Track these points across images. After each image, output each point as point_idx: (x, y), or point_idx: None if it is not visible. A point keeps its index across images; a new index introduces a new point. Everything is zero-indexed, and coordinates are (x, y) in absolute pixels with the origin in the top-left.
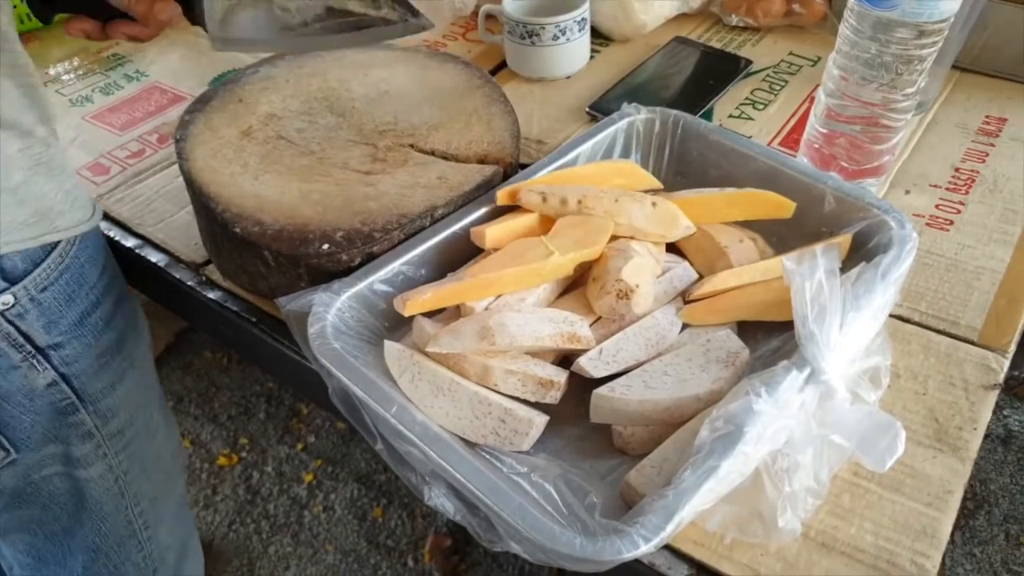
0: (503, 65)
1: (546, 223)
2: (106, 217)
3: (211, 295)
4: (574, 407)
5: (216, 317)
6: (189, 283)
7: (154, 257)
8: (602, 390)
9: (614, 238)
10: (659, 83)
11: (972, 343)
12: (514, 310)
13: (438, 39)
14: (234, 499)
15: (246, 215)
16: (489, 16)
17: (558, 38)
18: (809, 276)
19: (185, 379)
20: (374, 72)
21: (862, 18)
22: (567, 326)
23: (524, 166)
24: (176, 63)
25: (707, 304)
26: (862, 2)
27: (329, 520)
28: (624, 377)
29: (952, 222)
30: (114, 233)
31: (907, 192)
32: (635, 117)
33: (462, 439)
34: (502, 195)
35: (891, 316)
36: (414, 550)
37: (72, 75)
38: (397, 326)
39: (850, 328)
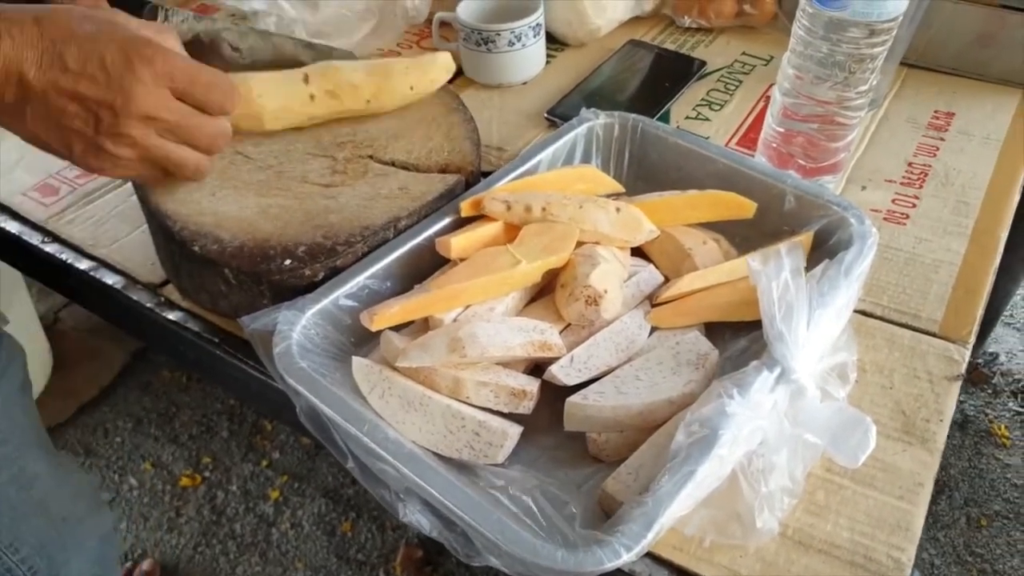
0: (460, 73)
1: (511, 231)
2: (57, 240)
3: (170, 316)
4: (547, 416)
5: (176, 338)
6: (148, 304)
7: (110, 279)
8: (575, 398)
9: (579, 244)
10: (615, 87)
11: (934, 335)
12: (483, 320)
13: (392, 48)
14: (199, 520)
15: (204, 232)
16: (443, 23)
17: (513, 44)
18: (775, 276)
19: (144, 399)
20: None
21: (814, 19)
22: (538, 335)
23: (486, 174)
24: None
25: (674, 307)
26: (814, 3)
27: (298, 537)
28: (596, 384)
29: (908, 216)
30: (66, 256)
31: (863, 188)
32: (594, 122)
33: (436, 454)
34: (466, 206)
35: (855, 311)
36: (385, 563)
37: None
38: (364, 341)
39: (817, 326)
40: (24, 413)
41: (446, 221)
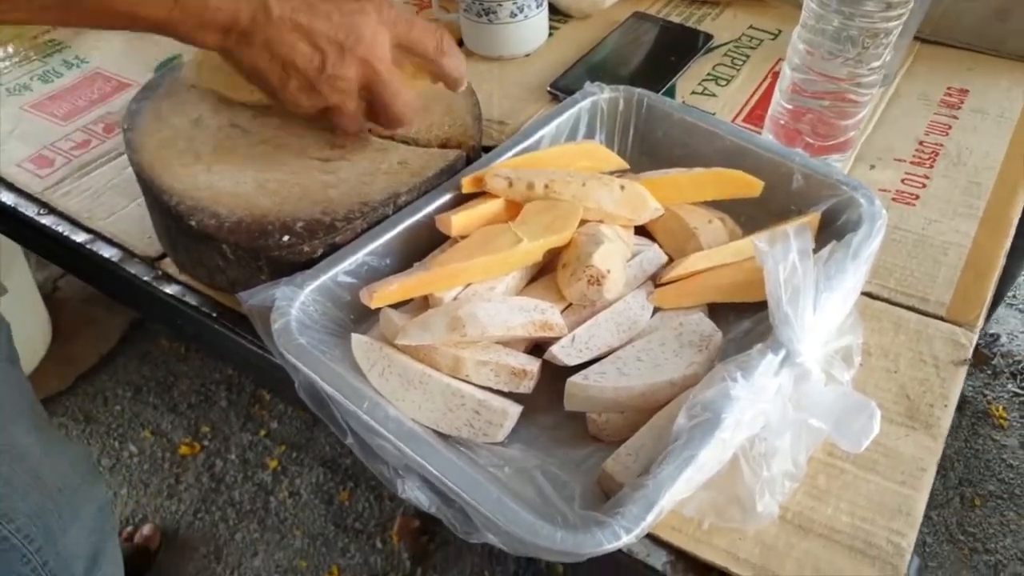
0: (459, 44)
1: (513, 208)
2: (53, 211)
3: (168, 290)
4: (547, 396)
5: (173, 312)
6: (145, 278)
7: (107, 252)
8: (576, 378)
9: (583, 222)
10: (620, 60)
11: (941, 319)
12: (484, 299)
13: None
14: (198, 487)
15: (201, 207)
16: None
17: (516, 15)
18: (782, 257)
19: (143, 369)
20: None
21: None
22: (539, 314)
23: (487, 148)
24: (119, 48)
25: (678, 287)
26: None
27: (295, 505)
28: (598, 364)
29: (918, 196)
30: (62, 228)
31: (872, 167)
32: (598, 96)
33: (436, 432)
34: (467, 182)
35: (861, 293)
36: (382, 532)
37: (8, 62)
38: (363, 318)
39: (823, 309)
40: (11, 386)
41: (447, 197)
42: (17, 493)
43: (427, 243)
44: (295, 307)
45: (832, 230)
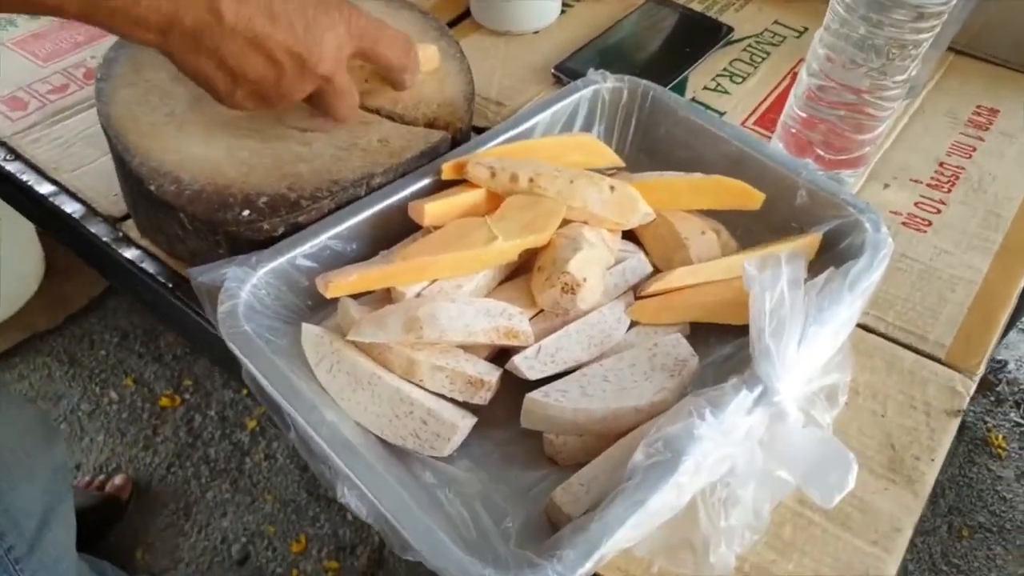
0: (467, 15)
1: (494, 200)
2: (20, 158)
3: (127, 254)
4: (507, 408)
5: (132, 277)
6: (104, 239)
7: (69, 208)
8: (535, 395)
9: (566, 222)
10: (632, 46)
11: (939, 361)
12: (448, 299)
13: None
14: (174, 441)
15: (164, 171)
16: None
17: None
18: (771, 285)
19: (131, 315)
20: None
21: None
22: (504, 320)
23: (480, 130)
24: None
25: (659, 301)
26: None
27: (270, 469)
28: (561, 381)
29: (930, 223)
30: (27, 177)
31: (886, 186)
32: (601, 85)
33: (380, 439)
34: (448, 168)
35: (856, 325)
36: None
37: None
38: (321, 305)
39: (810, 345)
40: None
41: (425, 182)
42: None
43: (399, 230)
44: (245, 289)
45: (833, 253)
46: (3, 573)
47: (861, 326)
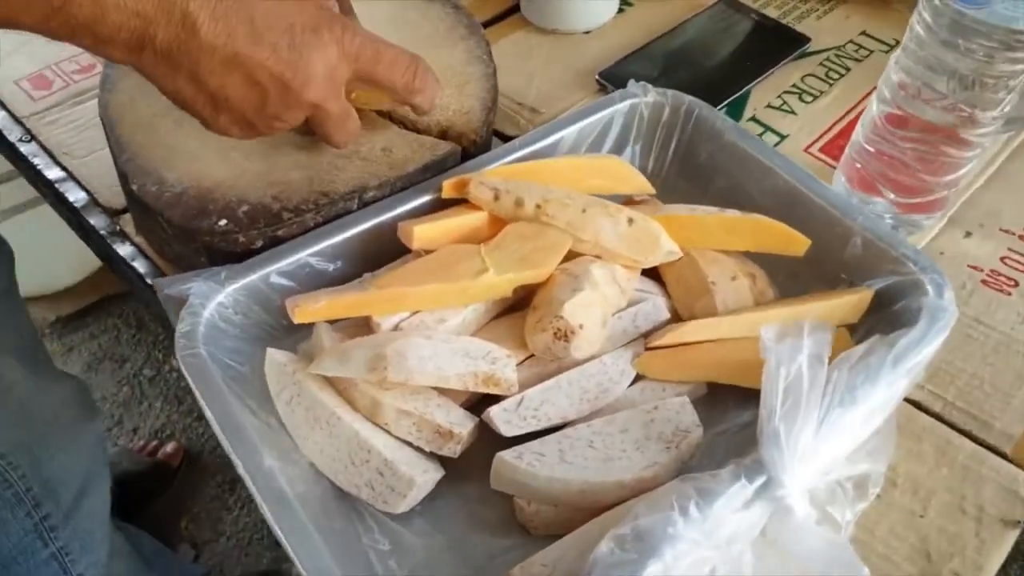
0: (516, 9)
1: (496, 226)
2: (35, 139)
3: (120, 250)
4: (483, 461)
5: (125, 275)
6: (102, 232)
7: (73, 196)
8: (507, 455)
9: (576, 255)
10: (690, 54)
11: (1003, 456)
12: (424, 335)
13: None
14: None
15: (150, 169)
16: None
17: None
18: (788, 359)
19: None
20: None
21: (938, 14)
22: (486, 364)
23: (508, 137)
24: None
25: (670, 355)
26: None
27: None
28: (539, 442)
29: (1017, 284)
30: (39, 161)
31: (968, 234)
32: (640, 99)
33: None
34: (449, 186)
35: (907, 401)
36: None
37: None
38: (297, 327)
39: (832, 429)
40: (3, 320)
41: (424, 199)
42: (1, 423)
43: (392, 250)
44: (210, 307)
45: (885, 315)
46: (38, 541)
47: (911, 401)
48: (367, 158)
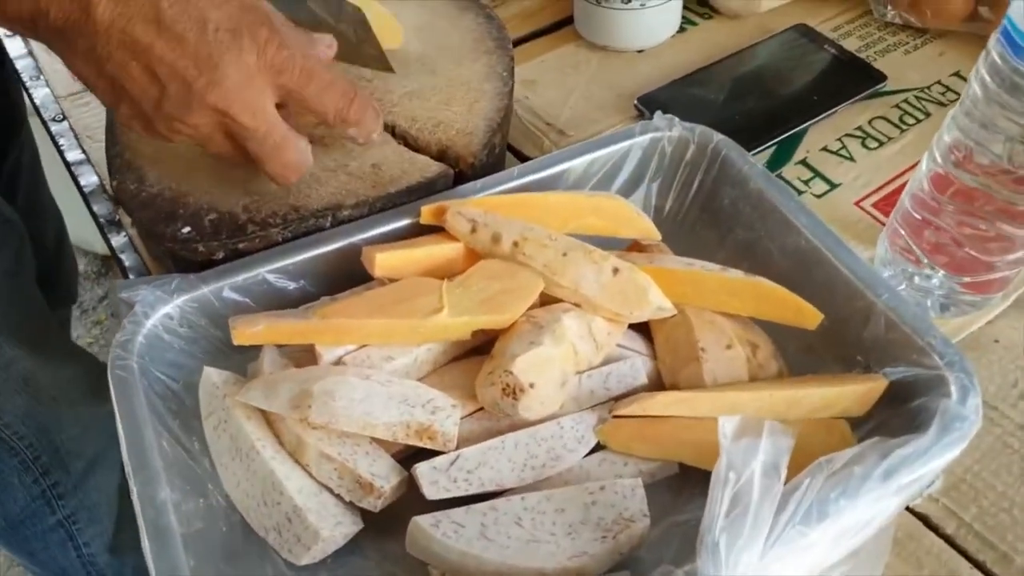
0: (571, 20)
1: (472, 259)
2: (66, 119)
3: (113, 240)
4: (413, 514)
5: (120, 263)
6: (101, 219)
7: (85, 180)
8: (424, 520)
9: (553, 300)
10: (747, 84)
11: None
12: (361, 375)
13: None
14: None
15: (135, 166)
16: None
17: (630, 1)
18: (740, 462)
19: None
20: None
21: (995, 70)
22: (424, 414)
23: (526, 157)
24: None
25: (639, 426)
26: (1003, 44)
27: None
28: (464, 510)
29: None
30: (63, 141)
31: None
32: (663, 133)
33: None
34: (427, 211)
35: (913, 513)
36: None
37: None
38: (250, 346)
39: (788, 548)
40: (4, 299)
41: (400, 224)
42: (2, 395)
43: (359, 273)
44: (155, 318)
45: (899, 412)
46: (45, 507)
47: (918, 514)
48: (353, 174)
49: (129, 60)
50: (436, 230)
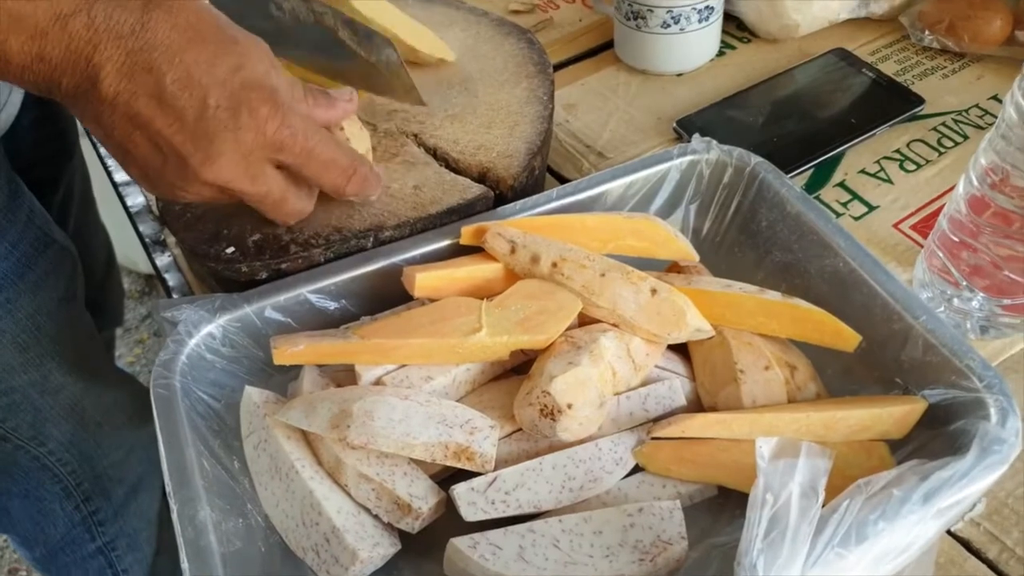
0: (610, 44)
1: (511, 280)
2: None
3: (158, 260)
4: (450, 536)
5: (165, 284)
6: (147, 239)
7: (131, 200)
8: (461, 542)
9: (591, 321)
10: (785, 107)
11: None
12: (401, 395)
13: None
14: None
15: None
16: None
17: (669, 26)
18: (778, 484)
19: None
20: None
21: None
22: (463, 434)
23: (566, 179)
24: None
25: (677, 448)
26: None
27: None
28: (501, 531)
29: None
30: (112, 162)
31: None
32: (701, 156)
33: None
34: (468, 233)
35: (954, 536)
36: None
37: None
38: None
39: (826, 572)
40: (58, 325)
41: (440, 244)
42: (50, 422)
43: (399, 294)
44: (197, 337)
45: (939, 434)
46: (86, 534)
47: (959, 539)
48: (393, 195)
49: (133, 131)
50: (476, 251)
